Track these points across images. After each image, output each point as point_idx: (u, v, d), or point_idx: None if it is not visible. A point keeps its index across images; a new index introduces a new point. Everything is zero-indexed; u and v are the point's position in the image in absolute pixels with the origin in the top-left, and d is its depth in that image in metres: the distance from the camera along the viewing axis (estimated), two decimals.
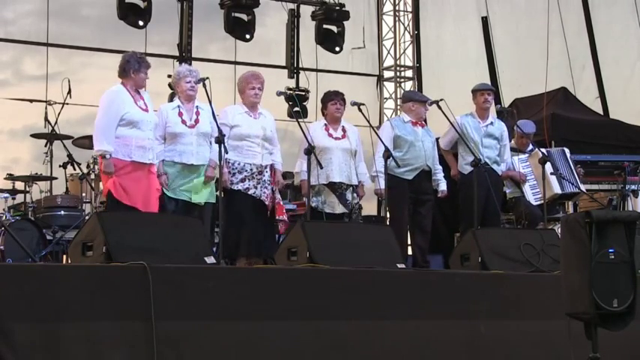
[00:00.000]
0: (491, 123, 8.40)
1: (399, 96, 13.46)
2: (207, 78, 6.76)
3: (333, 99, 7.82)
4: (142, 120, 6.72)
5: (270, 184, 7.30)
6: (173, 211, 6.88)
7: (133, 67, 6.74)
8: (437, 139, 8.33)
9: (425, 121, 8.22)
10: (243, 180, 7.19)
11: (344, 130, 7.79)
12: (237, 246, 7.11)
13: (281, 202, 7.53)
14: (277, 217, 7.39)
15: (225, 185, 7.10)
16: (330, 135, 7.73)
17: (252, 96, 7.35)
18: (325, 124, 7.78)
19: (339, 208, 7.64)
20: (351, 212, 7.71)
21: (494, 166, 8.30)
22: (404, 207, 7.90)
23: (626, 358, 6.30)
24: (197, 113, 7.08)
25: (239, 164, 7.21)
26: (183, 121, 7.01)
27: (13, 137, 11.13)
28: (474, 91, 8.47)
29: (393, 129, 8.01)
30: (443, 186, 8.10)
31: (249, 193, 7.18)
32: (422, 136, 8.02)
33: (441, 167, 8.18)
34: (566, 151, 9.18)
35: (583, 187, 9.03)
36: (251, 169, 7.22)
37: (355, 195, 7.76)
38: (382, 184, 7.61)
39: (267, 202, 7.22)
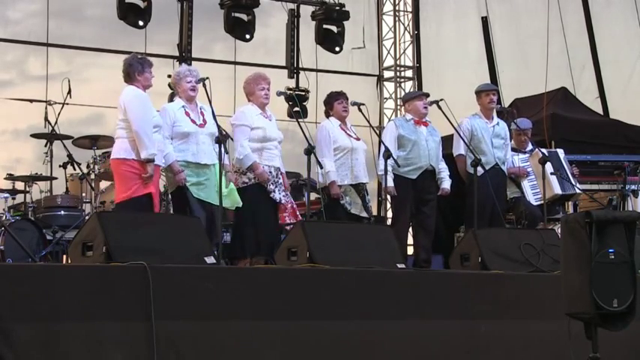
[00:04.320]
0: (498, 123, 8.42)
1: (399, 96, 13.47)
2: (207, 78, 6.75)
3: (338, 98, 7.84)
4: (161, 124, 6.77)
5: (283, 187, 7.31)
6: (190, 210, 6.86)
7: (137, 69, 6.72)
8: (446, 137, 8.34)
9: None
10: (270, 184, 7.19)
11: (353, 130, 7.85)
12: (258, 246, 7.10)
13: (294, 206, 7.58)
14: (291, 220, 7.44)
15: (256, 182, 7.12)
16: (349, 135, 7.76)
17: (262, 97, 7.33)
18: (340, 125, 7.79)
19: (364, 212, 7.67)
20: (370, 216, 7.78)
21: (503, 167, 8.33)
22: (406, 207, 7.91)
23: (626, 358, 6.30)
24: (202, 113, 7.08)
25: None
26: (193, 121, 7.01)
27: (16, 137, 11.17)
28: (479, 92, 8.47)
29: (397, 128, 8.03)
30: (446, 184, 8.10)
31: (271, 196, 7.18)
32: (426, 135, 8.02)
33: (446, 166, 8.18)
34: (560, 152, 9.17)
35: (578, 189, 9.02)
36: (270, 172, 7.21)
37: (369, 198, 7.82)
38: (390, 182, 7.66)
39: (289, 205, 7.25)
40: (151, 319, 5.03)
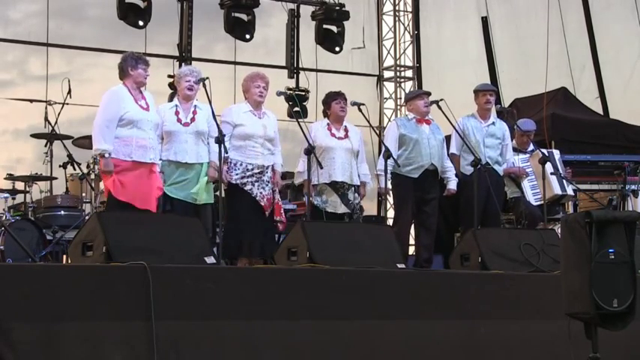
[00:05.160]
0: (493, 123, 8.40)
1: (399, 96, 13.48)
2: (207, 78, 6.77)
3: (336, 98, 7.82)
4: (142, 119, 6.72)
5: (269, 184, 7.29)
6: (170, 210, 6.88)
7: (130, 64, 6.76)
8: (446, 137, 8.34)
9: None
10: (242, 178, 7.18)
11: (346, 130, 7.79)
12: (240, 246, 7.10)
13: (280, 203, 7.52)
14: (275, 218, 7.37)
15: (227, 181, 7.11)
16: (332, 135, 7.73)
17: (256, 94, 7.32)
18: (328, 124, 7.77)
19: (342, 208, 7.63)
20: (353, 212, 7.71)
21: (496, 167, 8.31)
22: (408, 206, 7.91)
23: (626, 358, 6.30)
24: (194, 112, 7.09)
25: (241, 164, 7.19)
26: (179, 120, 7.02)
27: (17, 137, 11.18)
28: (476, 92, 8.47)
29: (398, 128, 8.03)
30: (452, 185, 8.09)
31: (247, 189, 7.17)
32: (428, 134, 8.01)
33: (452, 166, 8.17)
34: (556, 153, 9.17)
35: (570, 190, 9.03)
36: (252, 169, 7.21)
37: (357, 195, 7.76)
38: (382, 184, 7.66)
39: (262, 203, 7.20)
40: (151, 319, 5.04)
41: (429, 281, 6.32)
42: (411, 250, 9.02)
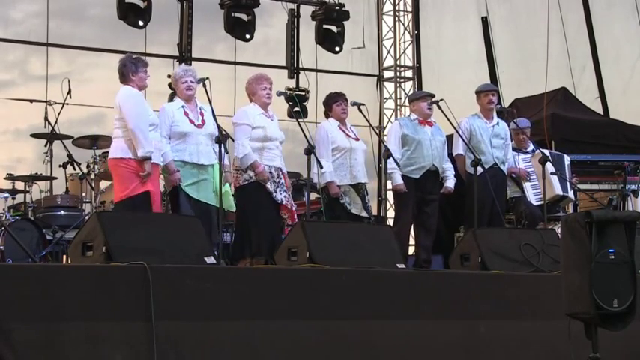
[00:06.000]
0: (497, 123, 8.41)
1: (399, 96, 13.49)
2: (207, 78, 6.75)
3: (337, 100, 7.82)
4: (156, 123, 6.77)
5: (284, 187, 7.28)
6: (179, 210, 6.86)
7: (130, 69, 6.74)
8: (447, 137, 8.35)
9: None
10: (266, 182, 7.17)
11: (352, 131, 7.84)
12: (251, 245, 7.07)
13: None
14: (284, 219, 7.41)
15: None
16: (348, 136, 7.75)
17: (264, 96, 7.30)
18: (339, 125, 7.77)
19: (364, 212, 7.66)
20: (370, 216, 7.78)
21: (502, 167, 8.33)
22: (408, 206, 7.92)
23: (626, 358, 6.30)
24: (201, 114, 7.08)
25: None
26: (191, 121, 7.01)
27: (18, 137, 11.19)
28: (478, 92, 8.47)
29: (401, 128, 8.05)
30: (449, 183, 8.10)
31: (272, 197, 7.16)
32: (430, 136, 8.02)
33: (451, 166, 8.19)
34: (566, 158, 9.17)
35: (571, 193, 9.04)
36: (270, 172, 7.18)
37: (368, 198, 7.81)
38: (399, 180, 7.75)
39: (293, 208, 7.23)
40: (151, 319, 5.04)
41: (429, 281, 6.32)
42: (411, 250, 9.02)
